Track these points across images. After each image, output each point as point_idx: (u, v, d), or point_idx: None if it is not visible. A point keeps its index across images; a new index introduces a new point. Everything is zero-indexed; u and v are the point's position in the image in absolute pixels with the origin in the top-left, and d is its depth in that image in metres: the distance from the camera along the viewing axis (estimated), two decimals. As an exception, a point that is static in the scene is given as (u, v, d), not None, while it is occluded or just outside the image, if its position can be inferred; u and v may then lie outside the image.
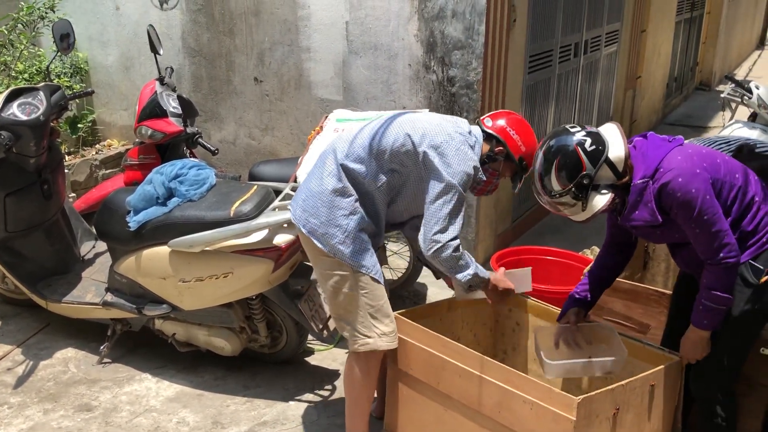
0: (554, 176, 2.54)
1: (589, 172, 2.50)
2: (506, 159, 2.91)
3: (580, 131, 2.56)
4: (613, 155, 2.53)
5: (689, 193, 2.42)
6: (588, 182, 2.51)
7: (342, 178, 2.77)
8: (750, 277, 2.53)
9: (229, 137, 5.64)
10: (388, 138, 2.77)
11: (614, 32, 6.92)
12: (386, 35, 4.77)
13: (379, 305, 2.83)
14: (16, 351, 3.86)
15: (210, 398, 3.51)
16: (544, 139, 2.64)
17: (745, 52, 16.11)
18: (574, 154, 2.51)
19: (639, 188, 2.53)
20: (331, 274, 2.81)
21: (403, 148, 2.75)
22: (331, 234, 2.75)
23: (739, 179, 2.54)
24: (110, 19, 5.84)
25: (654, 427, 2.68)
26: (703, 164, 2.49)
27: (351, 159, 2.77)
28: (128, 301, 3.60)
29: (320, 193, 2.78)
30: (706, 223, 2.44)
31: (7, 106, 3.62)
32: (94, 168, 5.65)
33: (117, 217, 3.49)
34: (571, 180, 2.51)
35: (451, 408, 2.78)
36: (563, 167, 2.52)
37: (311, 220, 2.78)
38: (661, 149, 2.55)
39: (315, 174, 2.85)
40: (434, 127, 2.78)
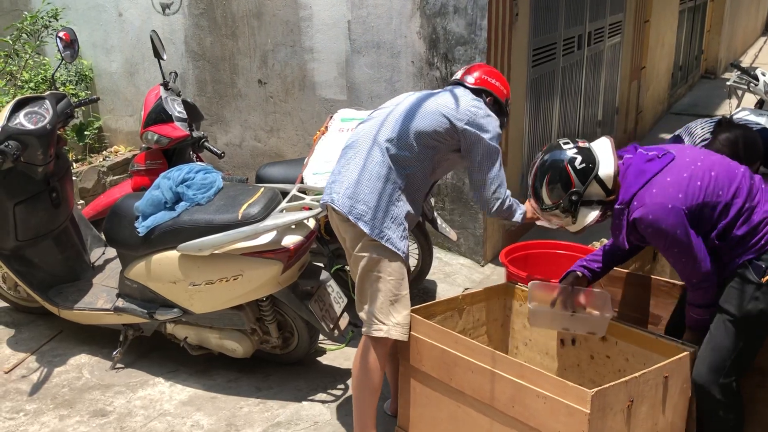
0: (545, 191, 2.70)
1: (578, 189, 2.65)
2: (494, 106, 3.12)
3: (571, 148, 2.69)
4: (603, 173, 2.65)
5: (659, 230, 2.53)
6: (577, 198, 2.66)
7: (387, 164, 2.88)
8: (752, 276, 2.54)
9: (234, 140, 5.65)
10: (426, 120, 2.92)
11: (617, 23, 6.89)
12: (389, 33, 4.77)
13: (402, 295, 2.92)
14: (30, 358, 3.89)
15: (223, 401, 3.53)
16: (539, 154, 2.78)
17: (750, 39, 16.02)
18: (564, 172, 2.65)
19: (618, 212, 2.66)
20: (367, 257, 2.89)
21: (443, 127, 2.92)
22: (380, 218, 2.85)
23: (723, 195, 2.55)
24: (113, 25, 5.86)
25: (668, 418, 2.67)
26: (679, 195, 2.53)
27: (394, 144, 2.90)
28: (139, 306, 3.62)
29: (365, 179, 2.87)
30: (678, 254, 2.56)
31: (14, 115, 3.64)
32: (102, 174, 5.68)
33: (126, 223, 3.50)
34: (560, 196, 2.67)
35: (464, 404, 2.78)
36: (554, 183, 2.67)
37: (358, 206, 2.86)
38: (640, 177, 2.61)
39: (353, 163, 2.93)
40: (460, 103, 2.97)
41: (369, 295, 2.92)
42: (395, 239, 2.88)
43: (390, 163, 2.89)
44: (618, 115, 7.45)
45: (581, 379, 3.08)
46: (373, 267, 2.89)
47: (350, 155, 2.99)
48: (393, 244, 2.87)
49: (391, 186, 2.89)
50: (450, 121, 2.92)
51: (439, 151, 2.97)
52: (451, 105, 2.97)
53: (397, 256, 2.89)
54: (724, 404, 2.64)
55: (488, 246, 4.92)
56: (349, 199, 2.88)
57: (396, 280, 2.90)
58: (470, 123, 2.93)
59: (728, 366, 2.59)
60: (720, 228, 2.57)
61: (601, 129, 7.01)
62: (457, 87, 3.12)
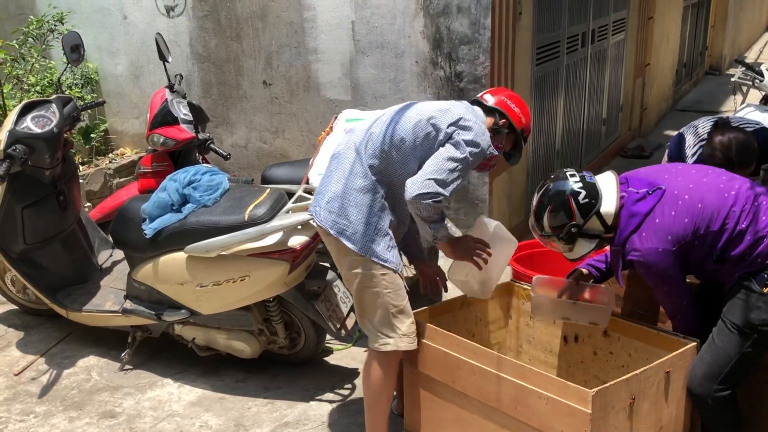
0: (546, 218, 2.74)
1: (578, 222, 2.70)
2: (508, 131, 2.97)
3: (577, 181, 2.72)
4: (605, 210, 2.69)
5: (652, 271, 2.64)
6: (576, 231, 2.71)
7: (368, 176, 2.79)
8: (755, 287, 2.56)
9: (240, 141, 5.68)
10: (409, 125, 2.79)
11: (621, 20, 6.89)
12: (392, 33, 4.78)
13: (402, 306, 2.84)
14: (39, 361, 3.92)
15: (231, 401, 3.55)
16: (544, 181, 2.80)
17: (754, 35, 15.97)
18: (567, 204, 2.69)
19: (614, 252, 2.76)
20: (359, 273, 2.82)
21: (425, 132, 2.77)
22: (362, 232, 2.77)
23: (712, 225, 2.57)
24: (118, 28, 5.89)
25: (672, 413, 2.68)
26: (668, 237, 2.58)
27: (375, 156, 2.79)
28: (147, 307, 3.64)
29: (347, 192, 2.79)
30: (667, 293, 2.69)
31: (21, 119, 3.67)
32: (108, 177, 5.71)
33: (133, 225, 3.52)
34: (560, 227, 2.71)
35: (468, 407, 2.79)
36: (555, 212, 2.71)
37: (340, 221, 2.79)
38: (632, 220, 2.66)
39: (336, 175, 2.85)
40: (450, 106, 2.85)
41: (369, 311, 2.87)
42: (381, 252, 2.79)
43: (371, 173, 2.79)
44: (622, 112, 7.44)
45: (585, 376, 3.09)
46: (367, 283, 2.82)
47: (333, 166, 2.90)
48: (380, 257, 2.79)
49: (372, 197, 2.79)
50: (435, 126, 2.77)
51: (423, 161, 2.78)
52: (441, 110, 2.83)
53: (387, 269, 2.81)
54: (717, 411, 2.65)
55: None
56: (330, 213, 2.81)
57: (393, 291, 2.83)
58: (453, 125, 2.76)
59: (724, 374, 2.59)
60: (716, 254, 2.61)
61: (606, 127, 7.01)
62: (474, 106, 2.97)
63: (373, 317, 2.85)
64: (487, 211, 4.77)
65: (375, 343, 2.87)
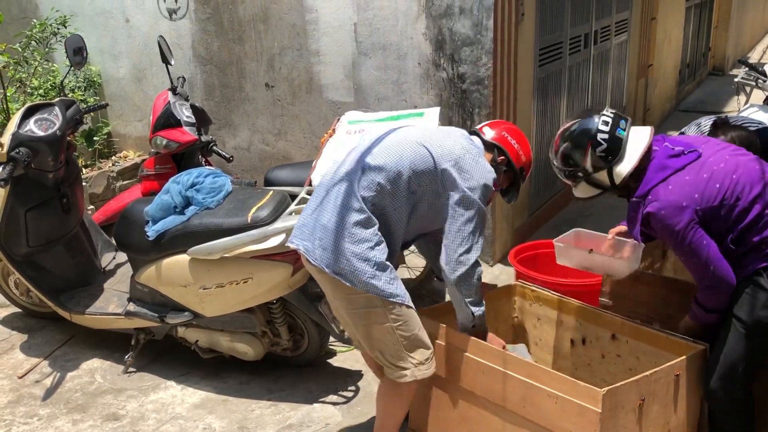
0: (561, 153, 2.75)
1: (587, 169, 2.69)
2: (506, 169, 2.88)
3: (605, 130, 2.64)
4: (618, 168, 2.66)
5: (669, 227, 2.53)
6: (582, 176, 2.71)
7: (363, 209, 2.63)
8: (765, 283, 2.53)
9: (243, 144, 5.68)
10: (405, 159, 2.65)
11: (624, 21, 6.88)
12: (395, 35, 4.78)
13: (414, 334, 2.70)
14: (43, 363, 3.92)
15: (235, 403, 3.54)
16: (580, 112, 2.76)
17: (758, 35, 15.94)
18: (583, 150, 2.67)
19: (634, 205, 2.65)
20: (363, 312, 2.68)
21: (422, 167, 2.65)
22: (361, 270, 2.60)
23: (743, 199, 2.52)
24: (121, 31, 5.90)
25: (680, 416, 2.67)
26: (695, 195, 2.52)
27: (369, 188, 2.64)
28: (150, 310, 3.64)
29: (340, 228, 2.62)
30: (688, 254, 2.56)
31: (24, 122, 3.67)
32: (112, 180, 5.71)
33: (136, 228, 3.52)
34: (569, 166, 2.73)
35: (475, 405, 2.78)
36: (569, 152, 2.71)
37: (336, 258, 2.62)
38: (660, 173, 2.59)
39: (328, 208, 2.67)
40: (450, 141, 2.70)
41: (380, 344, 2.72)
42: (385, 286, 2.62)
43: (365, 206, 2.63)
44: (626, 113, 7.43)
45: (593, 379, 3.08)
46: (375, 320, 2.67)
47: (322, 197, 2.71)
48: (384, 292, 2.62)
49: (368, 231, 2.62)
50: (432, 158, 2.63)
51: (416, 195, 2.68)
52: (437, 140, 2.68)
53: (394, 303, 2.65)
54: (732, 409, 2.63)
55: (497, 246, 4.92)
56: (325, 251, 2.63)
57: (403, 323, 2.67)
58: (452, 163, 2.63)
59: (739, 372, 2.57)
60: (737, 232, 2.54)
61: (609, 127, 6.98)
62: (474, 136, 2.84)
63: (386, 350, 2.72)
64: (490, 214, 4.76)
65: (391, 375, 2.75)
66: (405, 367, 2.72)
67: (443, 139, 2.73)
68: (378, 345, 2.74)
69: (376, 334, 2.72)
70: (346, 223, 2.62)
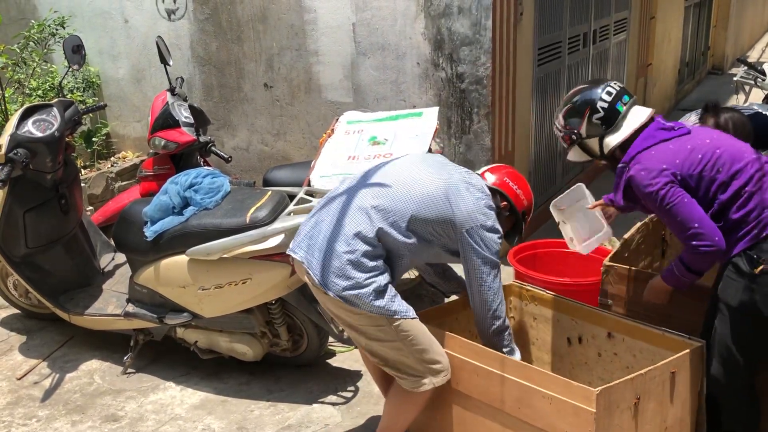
0: (561, 114, 2.95)
1: (581, 134, 2.88)
2: (509, 214, 2.93)
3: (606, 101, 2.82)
4: (608, 138, 2.83)
5: (648, 186, 2.63)
6: (576, 139, 2.90)
7: (374, 242, 2.66)
8: (744, 266, 2.54)
9: (242, 144, 5.68)
10: (430, 212, 2.69)
11: (623, 20, 6.88)
12: (393, 35, 4.78)
13: (425, 345, 2.71)
14: (42, 365, 3.91)
15: (234, 404, 3.54)
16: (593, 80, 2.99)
17: (757, 34, 15.93)
18: (581, 115, 2.86)
19: (620, 171, 2.79)
20: (368, 331, 2.71)
21: (444, 224, 2.71)
22: (364, 294, 2.62)
23: (723, 173, 2.59)
24: (119, 32, 5.90)
25: (677, 414, 2.66)
26: (675, 161, 2.62)
27: (388, 223, 2.67)
28: (149, 311, 3.64)
29: (348, 252, 2.64)
30: (670, 212, 2.61)
31: (23, 123, 3.67)
32: (110, 180, 5.71)
33: (134, 229, 3.52)
34: (566, 127, 2.92)
35: (471, 408, 2.78)
36: (569, 115, 2.90)
37: (339, 282, 2.64)
38: (646, 141, 2.72)
39: (341, 231, 2.68)
40: (473, 207, 2.72)
41: (392, 360, 2.74)
42: (387, 305, 2.64)
43: (377, 239, 2.66)
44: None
45: (590, 377, 3.08)
46: (382, 338, 2.70)
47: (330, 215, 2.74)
48: (388, 311, 2.64)
49: (375, 262, 2.66)
50: (454, 219, 2.69)
51: (430, 241, 2.74)
52: (464, 203, 2.71)
53: (397, 319, 2.66)
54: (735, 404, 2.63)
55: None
56: (329, 274, 2.65)
57: (413, 337, 2.69)
58: (474, 229, 2.69)
59: (737, 356, 2.58)
60: (716, 206, 2.60)
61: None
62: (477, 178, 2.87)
63: (399, 365, 2.74)
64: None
65: (408, 386, 2.76)
66: (423, 376, 2.73)
67: (469, 204, 2.72)
68: (390, 361, 2.76)
69: (386, 352, 2.74)
70: (355, 250, 2.64)
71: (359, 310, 2.65)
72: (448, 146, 4.76)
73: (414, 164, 2.85)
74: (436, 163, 2.87)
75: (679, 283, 2.76)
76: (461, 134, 4.73)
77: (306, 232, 2.80)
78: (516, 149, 5.00)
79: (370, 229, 2.66)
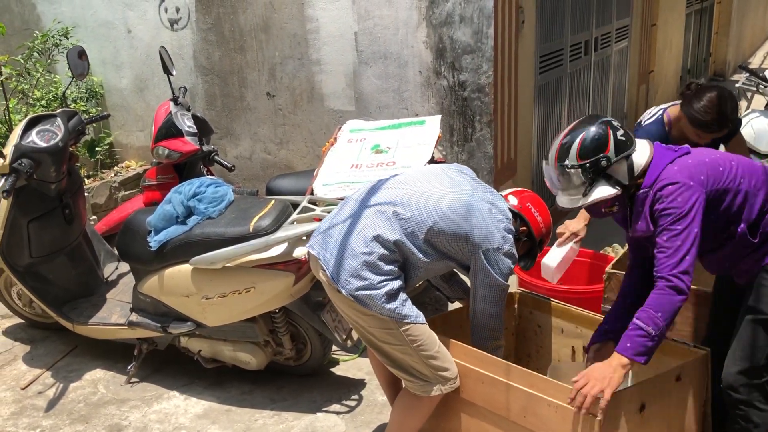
0: (576, 147, 2.53)
1: (611, 155, 2.51)
2: (527, 239, 2.91)
3: (616, 123, 2.60)
4: (636, 158, 2.56)
5: (675, 201, 2.42)
6: (605, 165, 2.51)
7: (392, 247, 2.67)
8: None
9: (245, 153, 5.69)
10: (449, 229, 2.69)
11: (624, 28, 6.89)
12: (395, 44, 4.79)
13: (434, 351, 2.72)
14: (46, 374, 3.92)
15: (238, 413, 3.54)
16: (570, 126, 2.65)
17: (758, 41, 15.94)
18: (604, 134, 2.52)
19: (641, 198, 2.55)
20: (378, 333, 2.72)
21: (460, 240, 2.71)
22: (375, 296, 2.64)
23: (745, 183, 2.51)
24: (123, 42, 5.92)
25: (682, 421, 2.66)
26: (701, 177, 2.47)
27: (406, 233, 2.68)
28: (153, 320, 3.64)
29: (366, 254, 2.65)
30: (680, 234, 2.39)
31: (27, 134, 3.68)
32: (114, 190, 5.72)
33: (138, 238, 3.53)
34: (590, 156, 2.51)
35: (476, 416, 2.77)
36: (588, 142, 2.52)
37: (353, 282, 2.65)
38: (663, 160, 2.55)
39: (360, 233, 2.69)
40: (493, 228, 2.72)
41: (401, 363, 2.75)
42: (398, 308, 2.66)
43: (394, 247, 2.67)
44: (627, 119, 7.43)
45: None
46: (391, 341, 2.71)
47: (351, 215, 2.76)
48: (398, 314, 2.66)
49: (390, 267, 2.68)
50: (472, 240, 2.69)
51: (444, 255, 2.76)
52: (484, 225, 2.71)
53: (407, 324, 2.68)
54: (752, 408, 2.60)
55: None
56: (344, 272, 2.67)
57: (421, 342, 2.69)
58: (490, 251, 2.70)
59: (761, 367, 2.55)
60: (747, 219, 2.51)
61: (610, 134, 6.99)
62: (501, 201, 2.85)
63: (409, 368, 2.74)
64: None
65: (416, 390, 2.76)
66: (432, 381, 2.73)
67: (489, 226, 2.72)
68: (399, 364, 2.76)
69: (396, 356, 2.75)
70: (373, 253, 2.66)
71: (370, 311, 2.66)
72: (450, 154, 4.76)
73: (439, 176, 2.85)
74: (462, 177, 2.86)
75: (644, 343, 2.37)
76: (463, 142, 4.74)
77: (324, 229, 2.82)
78: (518, 157, 5.01)
79: (390, 234, 2.67)
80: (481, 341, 2.84)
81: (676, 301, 2.37)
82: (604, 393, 2.30)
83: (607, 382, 2.32)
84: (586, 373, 2.38)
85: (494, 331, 2.84)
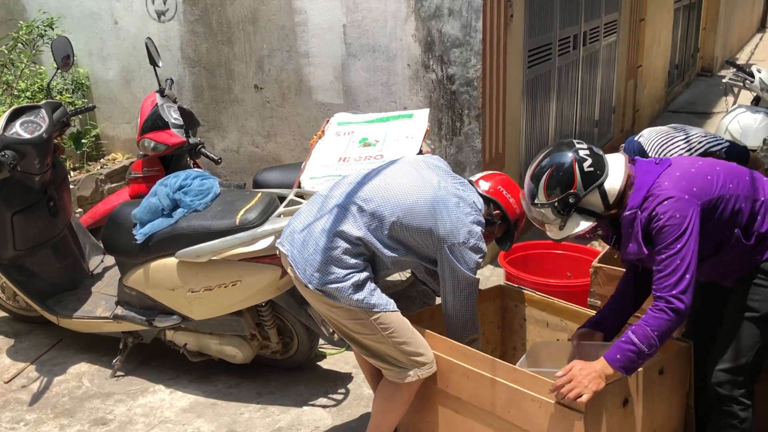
0: (543, 185, 2.50)
1: (578, 192, 2.46)
2: (501, 221, 2.93)
3: (584, 149, 2.51)
4: (609, 185, 2.47)
5: (673, 218, 2.36)
6: (574, 201, 2.46)
7: (358, 245, 2.69)
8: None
9: (232, 146, 5.66)
10: (413, 224, 2.69)
11: (613, 22, 6.90)
12: (384, 36, 4.77)
13: (407, 338, 2.73)
14: (30, 368, 3.89)
15: (224, 407, 3.53)
16: (548, 147, 2.60)
17: (745, 37, 16.03)
18: (570, 170, 2.46)
19: (628, 220, 2.48)
20: (349, 325, 2.75)
21: (424, 234, 2.71)
22: (342, 288, 2.66)
23: (734, 188, 2.48)
24: (109, 33, 5.87)
25: (666, 414, 2.67)
26: (693, 189, 2.41)
27: (370, 229, 2.69)
28: (138, 313, 3.62)
29: (332, 250, 2.67)
30: (678, 252, 2.34)
31: (10, 125, 3.64)
32: (100, 182, 5.68)
33: (123, 231, 3.50)
34: (557, 194, 2.48)
35: (461, 411, 2.77)
36: (554, 179, 2.47)
37: (320, 276, 2.68)
38: (649, 176, 2.48)
39: (325, 227, 2.71)
40: (459, 222, 2.70)
41: (377, 352, 2.77)
42: (366, 298, 2.67)
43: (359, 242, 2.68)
44: (615, 114, 7.46)
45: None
46: (363, 331, 2.73)
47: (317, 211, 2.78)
48: (366, 304, 2.67)
49: (356, 261, 2.69)
50: (437, 234, 2.68)
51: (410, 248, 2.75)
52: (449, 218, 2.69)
53: (376, 312, 2.69)
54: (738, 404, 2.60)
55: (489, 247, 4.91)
56: (310, 267, 2.69)
57: (393, 329, 2.71)
58: (455, 246, 2.68)
59: (747, 365, 2.54)
60: (740, 223, 2.49)
61: (599, 128, 7.02)
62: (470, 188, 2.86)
63: (384, 356, 2.76)
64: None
65: (394, 377, 2.77)
66: (407, 367, 2.74)
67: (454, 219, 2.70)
68: (375, 353, 2.78)
69: (369, 345, 2.77)
70: (337, 247, 2.67)
71: (339, 303, 2.69)
72: (438, 148, 4.76)
73: (407, 170, 2.84)
74: (432, 170, 2.84)
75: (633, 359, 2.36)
76: (452, 136, 4.73)
77: (292, 225, 2.84)
78: (506, 151, 5.01)
79: (353, 230, 2.68)
80: (455, 335, 2.84)
81: (674, 322, 2.36)
82: (582, 398, 2.32)
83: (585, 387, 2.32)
84: (571, 371, 2.37)
85: (468, 323, 2.84)
